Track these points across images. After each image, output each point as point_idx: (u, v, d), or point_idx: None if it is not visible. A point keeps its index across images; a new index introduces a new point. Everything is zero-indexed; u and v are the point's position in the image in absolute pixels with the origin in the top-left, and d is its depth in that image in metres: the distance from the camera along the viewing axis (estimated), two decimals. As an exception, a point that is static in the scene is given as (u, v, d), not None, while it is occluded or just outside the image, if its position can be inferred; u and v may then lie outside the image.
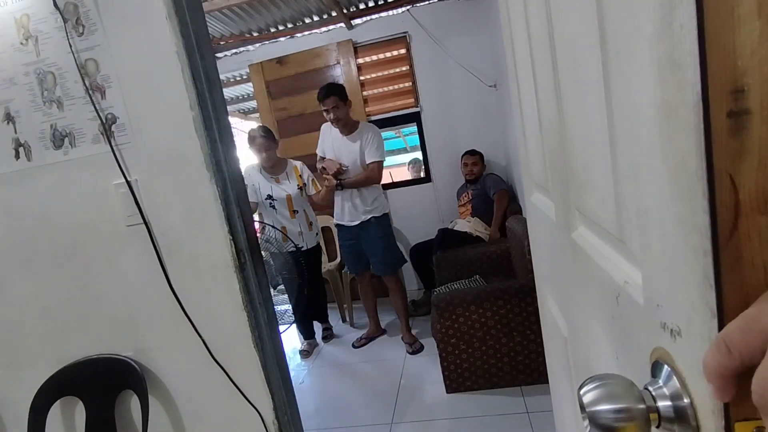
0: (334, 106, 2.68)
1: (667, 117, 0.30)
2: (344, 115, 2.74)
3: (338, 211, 2.91)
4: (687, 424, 0.33)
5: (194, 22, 1.18)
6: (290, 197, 2.96)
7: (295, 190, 2.96)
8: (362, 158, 2.76)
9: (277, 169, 2.99)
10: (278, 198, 2.94)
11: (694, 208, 0.28)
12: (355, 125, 2.81)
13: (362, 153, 2.74)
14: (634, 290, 0.43)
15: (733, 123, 0.25)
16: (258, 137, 2.87)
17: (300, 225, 2.99)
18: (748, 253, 0.26)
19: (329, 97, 2.66)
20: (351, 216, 2.86)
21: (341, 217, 2.91)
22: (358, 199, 2.82)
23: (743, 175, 0.25)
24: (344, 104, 2.71)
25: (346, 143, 2.80)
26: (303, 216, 3.00)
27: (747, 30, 0.24)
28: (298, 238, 2.96)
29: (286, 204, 2.96)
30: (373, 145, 2.74)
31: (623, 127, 0.40)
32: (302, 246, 2.96)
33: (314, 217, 3.13)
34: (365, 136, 2.75)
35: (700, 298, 0.29)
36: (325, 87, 2.71)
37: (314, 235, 3.10)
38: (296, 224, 2.98)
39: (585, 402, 0.36)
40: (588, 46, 0.46)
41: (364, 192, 2.82)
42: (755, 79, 0.24)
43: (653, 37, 0.30)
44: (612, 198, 0.46)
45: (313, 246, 3.09)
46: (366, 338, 3.17)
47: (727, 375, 0.26)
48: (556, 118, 0.70)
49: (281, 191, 2.95)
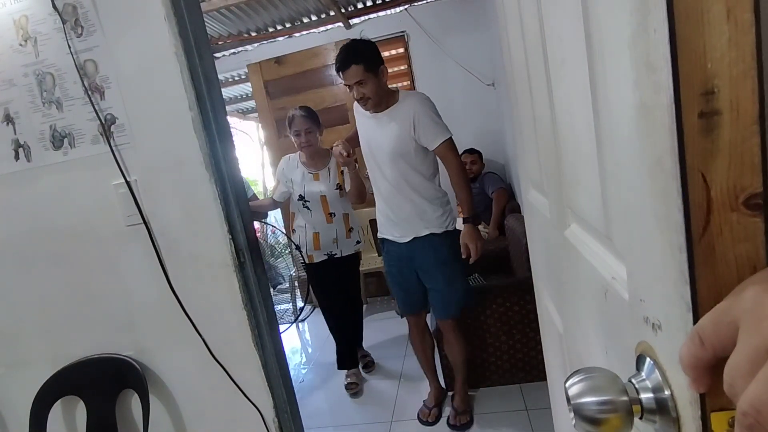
0: (357, 82, 1.79)
1: (644, 118, 0.31)
2: (374, 90, 1.81)
3: (380, 219, 2.04)
4: (668, 415, 0.34)
5: (192, 23, 1.19)
6: (325, 198, 2.44)
7: (333, 190, 2.44)
8: (404, 146, 1.84)
9: (318, 162, 2.47)
10: (311, 198, 2.44)
11: (669, 206, 0.29)
12: (391, 98, 1.88)
13: (406, 139, 1.83)
14: (620, 286, 0.44)
15: (704, 123, 0.26)
16: (297, 116, 2.37)
17: (337, 230, 2.49)
18: (721, 248, 0.27)
19: (349, 68, 1.78)
20: (399, 229, 1.96)
21: (386, 229, 2.03)
22: (408, 205, 1.90)
23: (715, 173, 0.26)
24: (374, 75, 1.80)
25: (377, 126, 1.89)
26: (341, 220, 2.50)
27: (716, 34, 0.25)
28: (332, 245, 2.50)
29: (320, 205, 2.46)
30: (425, 123, 1.80)
31: (607, 127, 0.41)
32: (335, 253, 2.51)
33: (357, 222, 2.63)
34: (406, 112, 1.82)
35: (676, 292, 0.30)
36: (343, 49, 1.82)
37: (353, 243, 2.58)
38: (332, 229, 2.49)
39: (570, 395, 0.38)
40: (575, 46, 0.47)
41: (422, 191, 1.89)
42: (725, 81, 0.25)
43: (631, 41, 0.31)
44: (599, 196, 0.47)
45: (350, 254, 2.58)
46: (433, 406, 2.21)
47: (701, 366, 0.27)
48: (548, 117, 0.71)
49: (315, 190, 2.43)
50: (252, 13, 3.36)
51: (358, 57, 1.77)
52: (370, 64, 1.78)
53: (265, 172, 4.67)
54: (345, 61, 1.78)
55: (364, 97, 1.81)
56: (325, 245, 2.48)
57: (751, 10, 0.24)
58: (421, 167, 1.88)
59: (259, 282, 1.31)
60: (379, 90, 1.82)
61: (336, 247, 2.50)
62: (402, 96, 1.87)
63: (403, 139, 1.82)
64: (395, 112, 1.85)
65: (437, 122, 1.81)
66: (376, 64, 1.81)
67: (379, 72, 1.81)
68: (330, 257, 2.50)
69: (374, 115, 1.89)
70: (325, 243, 2.48)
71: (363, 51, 1.80)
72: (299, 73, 3.78)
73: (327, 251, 2.49)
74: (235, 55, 3.97)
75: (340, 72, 1.81)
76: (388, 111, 1.86)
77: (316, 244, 2.48)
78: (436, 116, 1.82)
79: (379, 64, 1.82)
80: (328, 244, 2.48)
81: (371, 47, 1.84)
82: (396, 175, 1.88)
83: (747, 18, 0.24)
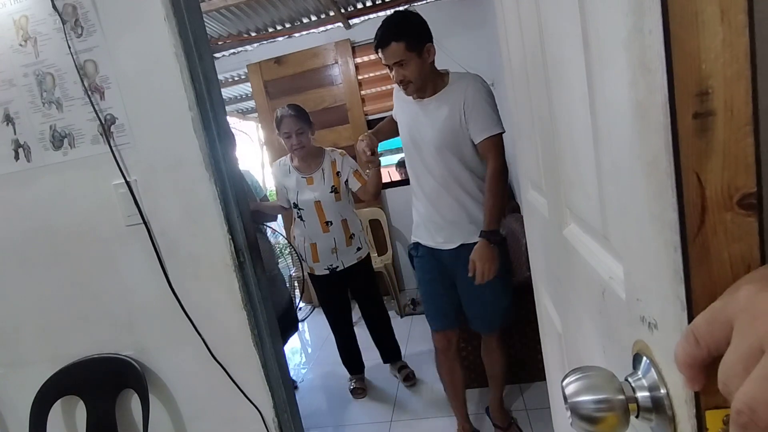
0: (397, 62, 1.53)
1: (640, 118, 0.31)
2: (418, 72, 1.55)
3: (419, 221, 1.78)
4: (664, 413, 0.34)
5: (192, 23, 1.19)
6: (320, 204, 2.19)
7: (328, 194, 2.19)
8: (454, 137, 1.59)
9: (311, 163, 2.24)
10: (305, 207, 2.20)
11: (664, 205, 0.29)
12: (439, 81, 1.62)
13: (457, 128, 1.57)
14: (618, 285, 0.44)
15: (698, 124, 0.26)
16: (286, 116, 2.14)
17: (335, 239, 2.24)
18: (715, 247, 0.27)
19: (388, 45, 1.52)
20: (444, 234, 1.70)
21: (422, 234, 1.77)
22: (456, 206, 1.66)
23: (709, 173, 0.26)
24: (417, 55, 1.53)
25: (422, 113, 1.64)
26: (339, 228, 2.25)
27: (710, 35, 0.25)
28: (331, 256, 2.26)
29: (315, 213, 2.21)
30: (476, 110, 1.54)
31: (604, 127, 0.41)
32: (336, 266, 2.28)
33: (358, 226, 2.37)
34: (457, 97, 1.56)
35: (672, 291, 0.30)
36: (384, 23, 1.56)
37: (354, 250, 2.32)
38: (330, 239, 2.23)
39: (567, 393, 0.38)
40: (572, 47, 0.47)
41: (473, 192, 1.65)
42: (719, 81, 0.25)
43: (627, 42, 0.31)
44: (596, 195, 0.47)
45: (353, 264, 2.33)
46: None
47: (696, 365, 0.27)
48: (547, 117, 0.71)
49: (309, 197, 2.19)
50: (252, 13, 3.36)
51: (400, 33, 1.51)
52: (414, 42, 1.51)
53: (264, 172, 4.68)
54: (384, 38, 1.52)
55: (405, 79, 1.55)
56: (324, 257, 2.26)
57: (745, 11, 0.24)
58: (472, 163, 1.63)
59: (258, 282, 1.32)
60: (423, 72, 1.56)
61: (336, 258, 2.27)
62: (452, 78, 1.61)
63: (453, 128, 1.57)
64: (445, 97, 1.59)
65: (490, 112, 1.55)
66: (422, 41, 1.54)
67: (424, 51, 1.54)
68: (332, 271, 2.27)
69: (419, 101, 1.64)
70: (324, 254, 2.25)
71: (407, 26, 1.53)
72: (299, 73, 3.78)
73: (327, 264, 2.27)
74: (234, 55, 3.97)
75: (378, 50, 1.56)
76: (437, 96, 1.60)
77: (315, 256, 2.26)
78: (490, 104, 1.56)
79: (425, 41, 1.55)
80: (327, 256, 2.26)
81: (418, 21, 1.56)
82: (444, 172, 1.63)
83: (741, 19, 0.24)
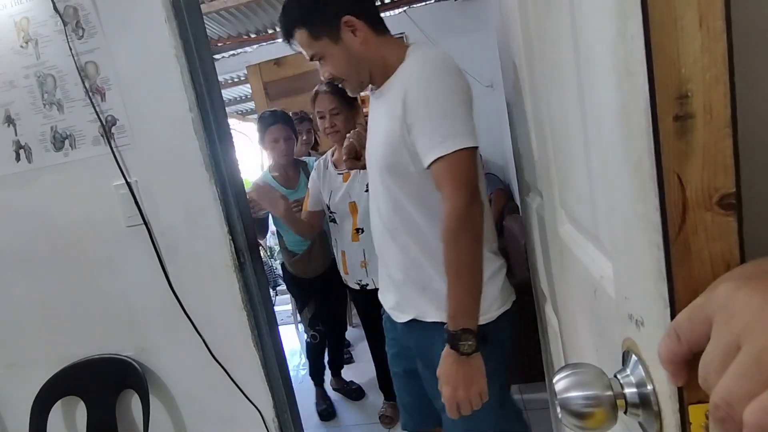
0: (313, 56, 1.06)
1: (625, 120, 0.32)
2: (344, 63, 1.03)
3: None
4: (650, 409, 0.35)
5: (193, 25, 1.20)
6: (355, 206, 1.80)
7: (363, 193, 1.73)
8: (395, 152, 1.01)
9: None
10: (338, 210, 1.81)
11: (647, 206, 0.30)
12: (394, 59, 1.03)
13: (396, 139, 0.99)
14: (608, 284, 0.45)
15: (679, 126, 0.27)
16: (322, 92, 1.80)
17: (365, 252, 1.79)
18: (696, 246, 0.28)
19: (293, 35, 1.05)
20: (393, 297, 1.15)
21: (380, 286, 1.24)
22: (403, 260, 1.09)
23: (689, 174, 0.27)
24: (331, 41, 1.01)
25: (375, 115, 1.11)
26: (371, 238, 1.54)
27: (689, 40, 0.26)
28: (360, 271, 1.82)
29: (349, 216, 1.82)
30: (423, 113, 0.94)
31: (594, 129, 0.42)
32: (367, 284, 1.82)
33: None
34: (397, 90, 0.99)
35: (656, 289, 0.31)
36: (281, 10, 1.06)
37: None
38: (359, 250, 1.81)
39: (557, 389, 0.39)
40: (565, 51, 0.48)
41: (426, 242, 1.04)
42: (698, 85, 0.26)
43: (612, 47, 0.32)
44: (588, 196, 0.48)
45: None
46: None
47: (678, 361, 0.28)
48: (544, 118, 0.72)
49: (343, 196, 1.79)
50: (251, 14, 3.37)
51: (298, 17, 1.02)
52: (317, 24, 1.00)
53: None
54: (287, 26, 1.04)
55: (332, 76, 1.05)
56: (353, 270, 1.84)
57: (723, 17, 0.25)
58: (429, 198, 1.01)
59: (259, 282, 1.32)
60: (352, 59, 1.02)
61: (366, 275, 1.80)
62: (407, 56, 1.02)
63: (393, 143, 1.00)
64: (386, 92, 1.04)
65: (442, 115, 0.93)
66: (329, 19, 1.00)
67: (340, 31, 1.00)
68: (362, 289, 1.83)
69: (375, 92, 1.10)
70: (353, 267, 1.83)
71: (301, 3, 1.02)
72: (298, 75, 3.79)
73: (357, 279, 1.84)
74: (234, 57, 3.98)
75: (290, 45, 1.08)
76: (384, 87, 1.06)
77: (344, 266, 1.87)
78: (447, 100, 0.94)
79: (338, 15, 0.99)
80: (355, 270, 1.83)
81: None
82: (389, 207, 1.07)
83: (719, 25, 0.25)
